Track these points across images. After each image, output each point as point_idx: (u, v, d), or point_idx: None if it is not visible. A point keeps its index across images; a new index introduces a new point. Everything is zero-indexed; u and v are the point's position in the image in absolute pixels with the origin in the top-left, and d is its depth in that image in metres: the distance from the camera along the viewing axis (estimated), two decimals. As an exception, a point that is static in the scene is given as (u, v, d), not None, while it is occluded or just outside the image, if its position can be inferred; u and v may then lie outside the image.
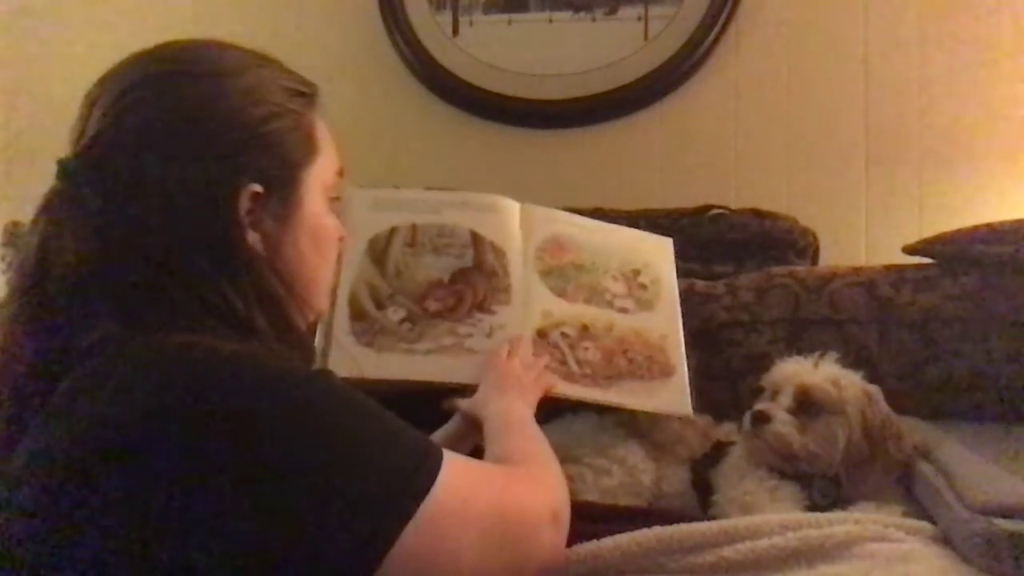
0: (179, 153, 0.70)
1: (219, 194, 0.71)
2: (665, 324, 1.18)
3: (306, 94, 0.80)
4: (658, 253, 1.25)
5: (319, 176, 0.80)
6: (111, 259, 0.69)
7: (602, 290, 1.17)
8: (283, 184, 0.76)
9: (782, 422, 1.10)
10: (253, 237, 0.73)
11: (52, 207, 0.71)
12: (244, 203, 0.72)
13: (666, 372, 1.14)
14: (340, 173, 0.84)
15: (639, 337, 1.15)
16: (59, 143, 0.74)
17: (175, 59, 0.75)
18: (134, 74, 0.73)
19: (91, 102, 0.73)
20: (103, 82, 0.74)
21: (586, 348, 1.12)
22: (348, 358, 1.02)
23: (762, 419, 1.11)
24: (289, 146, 0.76)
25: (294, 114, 0.77)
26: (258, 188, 0.73)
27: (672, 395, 1.14)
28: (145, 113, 0.71)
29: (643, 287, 1.19)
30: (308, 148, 0.79)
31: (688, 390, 1.15)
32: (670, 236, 1.29)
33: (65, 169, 0.71)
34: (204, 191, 0.71)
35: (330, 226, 0.83)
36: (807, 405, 1.11)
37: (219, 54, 0.76)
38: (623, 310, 1.17)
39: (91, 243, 0.69)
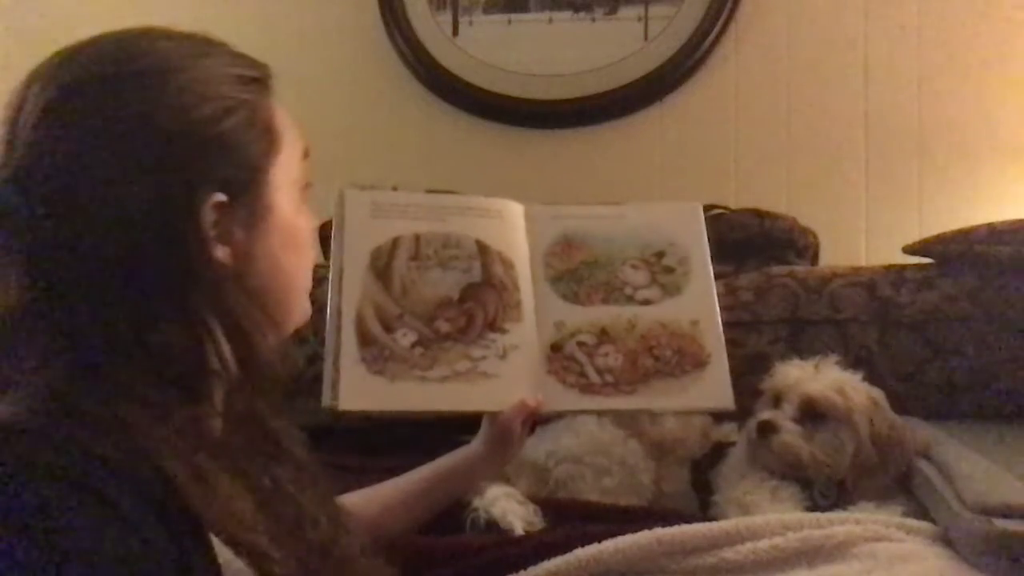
0: (124, 170, 0.61)
1: (177, 212, 0.62)
2: (696, 308, 1.10)
3: (258, 79, 0.70)
4: (685, 225, 1.15)
5: (285, 170, 0.71)
6: (42, 304, 0.60)
7: (620, 284, 1.10)
8: (248, 188, 0.67)
9: (789, 432, 1.09)
10: (223, 252, 0.64)
11: None
12: (208, 217, 0.63)
13: (699, 363, 1.07)
14: (306, 155, 0.74)
15: (666, 329, 1.08)
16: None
17: (109, 57, 0.65)
18: (63, 78, 0.63)
19: (16, 111, 0.62)
20: (27, 87, 0.63)
21: (606, 354, 1.06)
22: (360, 390, 0.97)
23: (769, 429, 1.10)
24: (248, 144, 0.67)
25: (248, 105, 0.67)
26: (222, 198, 0.64)
27: (707, 389, 1.06)
28: (78, 125, 0.61)
29: (668, 270, 1.12)
30: (269, 141, 0.69)
31: (727, 379, 1.07)
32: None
33: None
34: (160, 210, 0.61)
35: (304, 225, 0.73)
36: (812, 413, 1.11)
37: (157, 46, 0.66)
38: (646, 302, 1.10)
39: (21, 285, 0.60)
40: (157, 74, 0.64)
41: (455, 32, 2.00)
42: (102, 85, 0.63)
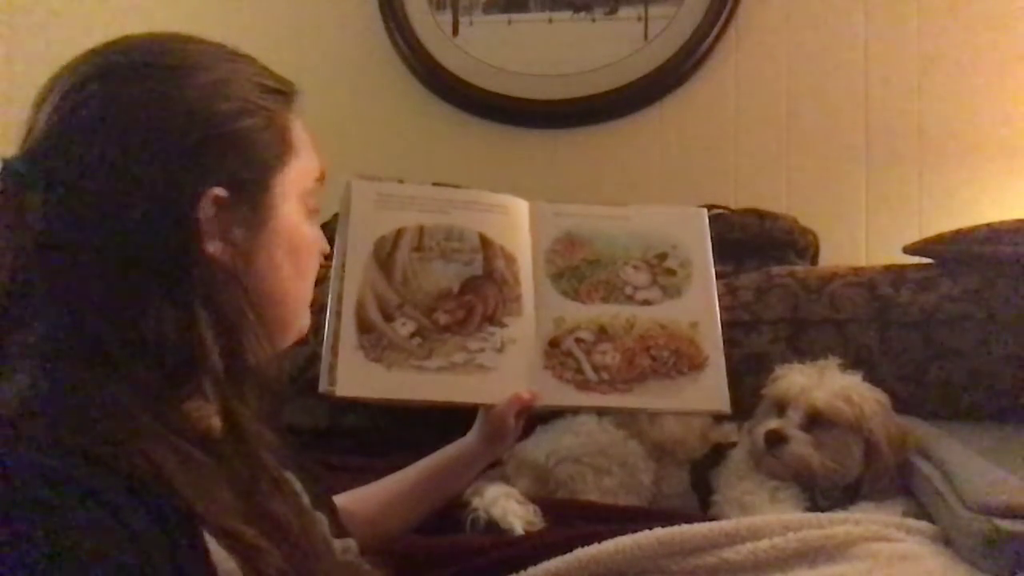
0: (134, 152, 0.62)
1: (177, 198, 0.63)
2: (696, 310, 1.10)
3: (282, 92, 0.72)
4: (689, 230, 1.16)
5: (296, 181, 0.71)
6: (45, 281, 0.61)
7: (621, 284, 1.11)
8: (254, 188, 0.68)
9: (799, 442, 1.09)
10: (216, 247, 0.65)
11: None
12: (207, 209, 0.64)
13: (696, 365, 1.08)
14: (322, 178, 0.75)
15: (664, 330, 1.09)
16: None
17: (137, 50, 0.67)
18: (90, 66, 0.65)
19: (43, 96, 0.65)
20: (57, 76, 0.65)
21: (603, 352, 1.07)
22: (357, 376, 0.98)
23: (778, 439, 1.10)
24: (260, 146, 0.68)
25: (266, 111, 0.69)
26: (222, 192, 0.64)
27: (702, 391, 1.07)
28: (98, 107, 0.63)
29: (670, 272, 1.12)
30: (282, 149, 0.70)
31: (724, 382, 1.08)
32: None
33: (9, 170, 0.62)
34: (160, 195, 0.62)
35: (309, 237, 0.74)
36: (819, 421, 1.11)
37: (187, 47, 0.68)
38: (646, 302, 1.10)
39: (28, 259, 0.60)
40: (183, 68, 0.66)
41: (455, 32, 2.00)
42: (128, 72, 0.65)
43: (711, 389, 1.07)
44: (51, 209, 0.61)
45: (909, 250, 1.45)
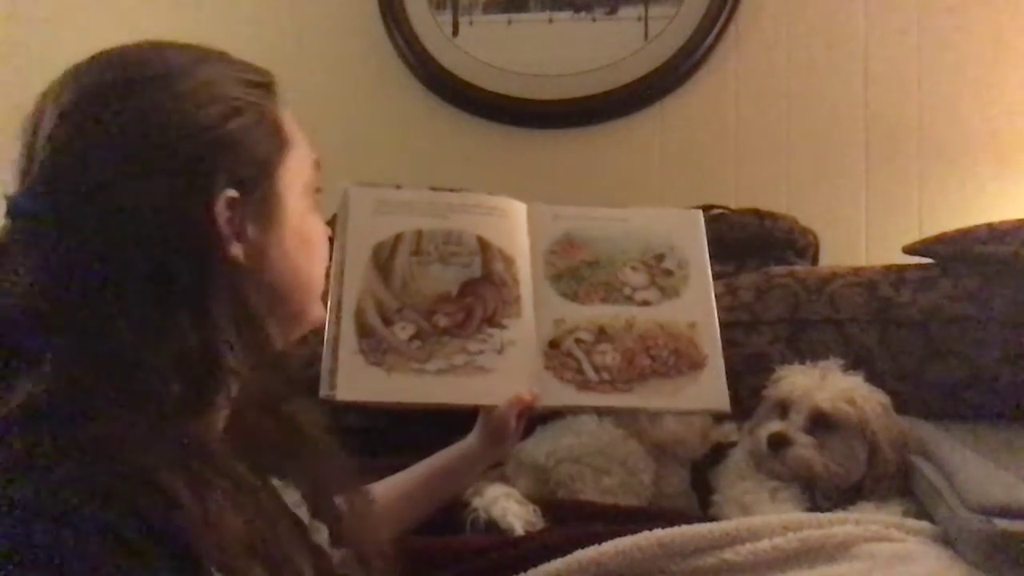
0: (138, 171, 0.62)
1: (188, 210, 0.63)
2: (694, 310, 1.11)
3: (263, 83, 0.72)
4: (685, 231, 1.17)
5: (296, 171, 0.72)
6: (59, 314, 0.60)
7: (620, 285, 1.11)
8: (258, 184, 0.68)
9: (803, 445, 1.09)
10: (237, 249, 0.66)
11: (5, 249, 0.62)
12: (223, 212, 0.65)
13: (695, 364, 1.08)
14: (317, 165, 0.76)
15: (663, 330, 1.09)
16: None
17: (118, 66, 0.66)
18: (75, 89, 0.65)
19: (33, 127, 0.65)
20: (42, 102, 0.65)
21: (603, 352, 1.07)
22: (358, 381, 0.98)
23: (782, 442, 1.10)
24: (257, 142, 0.69)
25: (255, 107, 0.69)
26: (233, 193, 0.65)
27: (702, 390, 1.08)
28: (92, 132, 0.63)
29: (668, 273, 1.13)
30: (278, 142, 0.71)
31: (723, 381, 1.08)
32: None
33: (16, 206, 0.62)
34: (172, 211, 0.62)
35: (316, 227, 0.75)
36: (822, 423, 1.11)
37: (161, 54, 0.68)
38: (645, 303, 1.11)
39: (41, 287, 0.60)
40: (165, 78, 0.66)
41: (455, 32, 2.00)
42: (113, 91, 0.65)
43: (711, 388, 1.08)
44: (66, 242, 0.61)
45: (909, 250, 1.45)
